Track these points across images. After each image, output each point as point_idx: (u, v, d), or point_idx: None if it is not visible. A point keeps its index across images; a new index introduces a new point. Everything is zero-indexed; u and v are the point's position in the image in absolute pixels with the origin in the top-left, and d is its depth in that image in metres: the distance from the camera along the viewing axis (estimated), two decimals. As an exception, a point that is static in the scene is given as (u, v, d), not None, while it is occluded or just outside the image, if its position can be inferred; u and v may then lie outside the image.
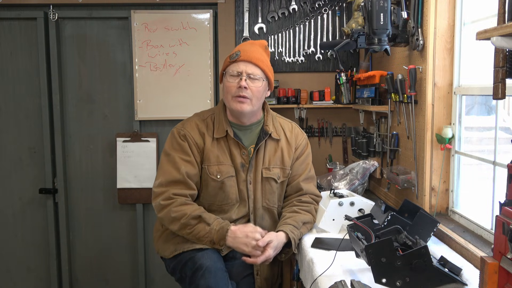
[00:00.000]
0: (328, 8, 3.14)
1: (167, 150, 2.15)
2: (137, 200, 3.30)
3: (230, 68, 2.10)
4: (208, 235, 1.99)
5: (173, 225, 2.03)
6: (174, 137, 2.15)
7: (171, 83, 3.20)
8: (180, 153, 2.11)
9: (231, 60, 2.10)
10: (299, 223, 2.10)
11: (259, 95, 2.10)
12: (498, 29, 1.25)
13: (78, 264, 3.42)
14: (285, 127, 2.27)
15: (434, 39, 2.08)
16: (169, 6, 3.19)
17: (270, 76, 2.14)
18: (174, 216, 2.01)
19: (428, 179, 2.15)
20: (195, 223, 2.01)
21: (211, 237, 1.99)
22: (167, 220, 2.04)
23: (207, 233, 1.99)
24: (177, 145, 2.13)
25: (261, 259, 1.97)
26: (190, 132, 2.14)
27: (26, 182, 3.31)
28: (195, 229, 2.00)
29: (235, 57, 2.08)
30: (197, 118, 2.20)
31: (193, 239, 2.03)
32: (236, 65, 2.08)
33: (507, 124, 1.91)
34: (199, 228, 2.00)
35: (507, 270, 1.17)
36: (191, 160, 2.11)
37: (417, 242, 1.55)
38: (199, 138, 2.13)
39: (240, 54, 2.08)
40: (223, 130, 2.14)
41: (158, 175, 2.14)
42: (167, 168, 2.11)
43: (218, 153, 2.12)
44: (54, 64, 3.20)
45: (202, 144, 2.13)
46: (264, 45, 2.20)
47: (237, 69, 2.08)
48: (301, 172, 2.24)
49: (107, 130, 3.30)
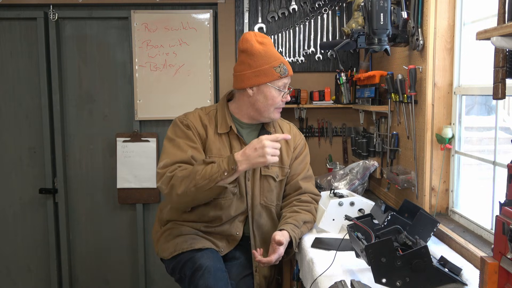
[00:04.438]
0: (328, 8, 3.14)
1: (171, 136, 2.11)
2: (137, 200, 3.30)
3: (280, 82, 2.13)
4: (218, 168, 1.91)
5: (182, 184, 1.93)
6: (178, 126, 2.14)
7: (171, 83, 3.20)
8: (185, 139, 2.09)
9: (281, 75, 2.12)
10: (299, 222, 2.11)
11: None
12: (498, 29, 1.25)
13: (78, 264, 3.42)
14: (284, 128, 2.30)
15: (434, 39, 2.08)
16: (169, 6, 3.19)
17: None
18: (181, 175, 1.95)
19: (428, 179, 2.15)
20: (202, 167, 1.93)
21: (222, 168, 1.91)
22: (176, 183, 1.95)
23: (216, 167, 1.91)
24: (181, 133, 2.11)
25: (275, 257, 1.98)
26: (193, 122, 2.14)
27: (26, 182, 3.31)
28: (204, 171, 1.92)
29: (286, 73, 2.13)
30: (200, 111, 2.21)
31: (205, 183, 1.91)
32: (286, 80, 2.15)
33: (507, 124, 1.91)
34: (207, 168, 1.92)
35: (507, 270, 1.17)
36: (196, 146, 2.09)
37: (417, 242, 1.54)
38: (201, 129, 2.14)
39: (288, 70, 2.14)
40: (227, 125, 2.15)
41: (162, 158, 2.06)
42: (172, 150, 2.06)
43: (220, 146, 2.13)
44: (54, 64, 3.20)
45: (205, 136, 2.13)
46: None
47: (284, 84, 2.15)
48: (299, 171, 2.26)
49: (107, 130, 3.30)
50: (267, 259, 1.99)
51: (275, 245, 1.98)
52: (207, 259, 1.97)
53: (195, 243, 2.06)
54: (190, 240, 2.08)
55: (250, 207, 2.16)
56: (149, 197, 3.29)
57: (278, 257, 2.00)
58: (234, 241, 2.16)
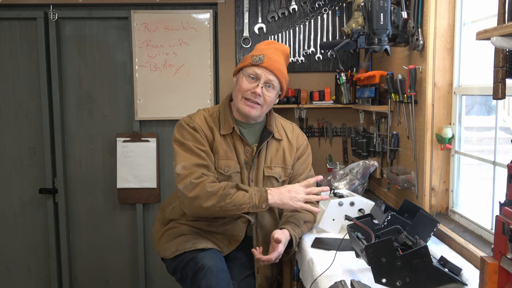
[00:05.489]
0: (328, 8, 3.14)
1: (180, 140, 2.09)
2: (137, 200, 3.30)
3: (250, 69, 2.08)
4: (249, 200, 1.96)
5: (210, 200, 1.95)
6: (184, 128, 2.11)
7: (171, 83, 3.20)
8: (195, 142, 2.07)
9: (253, 62, 2.07)
10: (300, 221, 2.11)
11: (270, 104, 2.13)
12: (498, 29, 1.25)
13: (78, 264, 3.42)
14: (286, 128, 2.28)
15: (434, 39, 2.08)
16: (169, 6, 3.19)
17: (285, 86, 2.17)
18: (210, 190, 1.95)
19: (428, 179, 2.15)
20: (234, 192, 1.97)
21: (253, 200, 1.96)
22: (203, 196, 1.95)
23: (247, 198, 1.96)
24: (188, 135, 2.09)
25: (275, 255, 1.98)
26: (200, 124, 2.12)
27: (26, 182, 3.31)
28: (235, 197, 1.95)
29: (258, 62, 2.06)
30: (204, 112, 2.19)
31: (232, 209, 1.96)
32: (257, 69, 2.07)
33: (507, 124, 1.91)
34: (239, 195, 1.96)
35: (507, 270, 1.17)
36: (206, 149, 2.08)
37: (417, 242, 1.54)
38: (208, 131, 2.12)
39: (264, 60, 2.07)
40: (229, 126, 2.14)
41: (178, 161, 2.04)
42: (186, 155, 2.05)
43: (226, 148, 2.12)
44: (54, 64, 3.20)
45: (212, 138, 2.12)
46: (286, 53, 2.19)
47: (256, 73, 2.07)
48: (301, 172, 2.25)
49: (107, 130, 3.30)
50: (267, 257, 1.99)
51: (275, 243, 1.98)
52: (210, 259, 1.97)
53: (197, 243, 2.05)
54: (192, 240, 2.08)
55: None
56: (149, 197, 3.29)
57: (278, 255, 2.00)
58: (236, 242, 2.15)
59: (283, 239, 1.99)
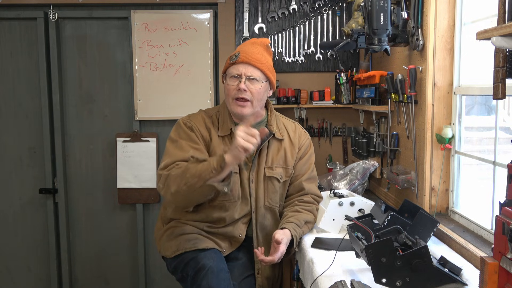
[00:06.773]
0: (328, 8, 3.14)
1: (173, 138, 2.10)
2: (137, 200, 3.29)
3: (230, 70, 2.10)
4: (207, 166, 1.86)
5: (176, 182, 1.90)
6: (181, 127, 2.12)
7: (171, 83, 3.20)
8: (188, 141, 2.07)
9: (231, 62, 2.09)
10: (301, 221, 2.11)
11: (260, 97, 2.10)
12: (498, 29, 1.25)
13: (78, 264, 3.42)
14: (289, 127, 2.26)
15: (434, 39, 2.08)
16: (169, 6, 3.19)
17: (271, 76, 2.13)
18: (175, 173, 1.92)
19: (428, 179, 2.15)
20: (193, 166, 1.90)
21: (211, 165, 1.85)
22: (170, 182, 1.92)
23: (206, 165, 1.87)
24: (184, 134, 2.09)
25: (277, 256, 1.97)
26: (197, 124, 2.12)
27: (26, 182, 3.31)
28: (194, 169, 1.89)
29: (235, 59, 2.08)
30: (203, 113, 2.19)
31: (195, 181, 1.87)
32: (236, 67, 2.07)
33: (507, 124, 1.91)
34: (198, 166, 1.89)
35: (507, 270, 1.17)
36: (199, 147, 2.07)
37: (417, 242, 1.55)
38: (205, 131, 2.12)
39: (240, 56, 2.07)
40: (227, 128, 2.13)
41: (163, 159, 2.04)
42: (173, 151, 2.04)
43: (224, 149, 2.11)
44: (54, 64, 3.20)
45: (209, 138, 2.12)
46: (265, 44, 2.17)
47: (236, 71, 2.07)
48: (303, 172, 2.24)
49: (107, 130, 3.30)
50: (270, 258, 1.98)
51: (276, 243, 1.98)
52: (210, 259, 1.97)
53: (198, 243, 2.05)
54: (193, 239, 2.08)
55: (254, 209, 2.15)
56: (149, 197, 3.29)
57: (280, 255, 1.99)
58: (237, 243, 2.15)
59: (285, 239, 1.99)
